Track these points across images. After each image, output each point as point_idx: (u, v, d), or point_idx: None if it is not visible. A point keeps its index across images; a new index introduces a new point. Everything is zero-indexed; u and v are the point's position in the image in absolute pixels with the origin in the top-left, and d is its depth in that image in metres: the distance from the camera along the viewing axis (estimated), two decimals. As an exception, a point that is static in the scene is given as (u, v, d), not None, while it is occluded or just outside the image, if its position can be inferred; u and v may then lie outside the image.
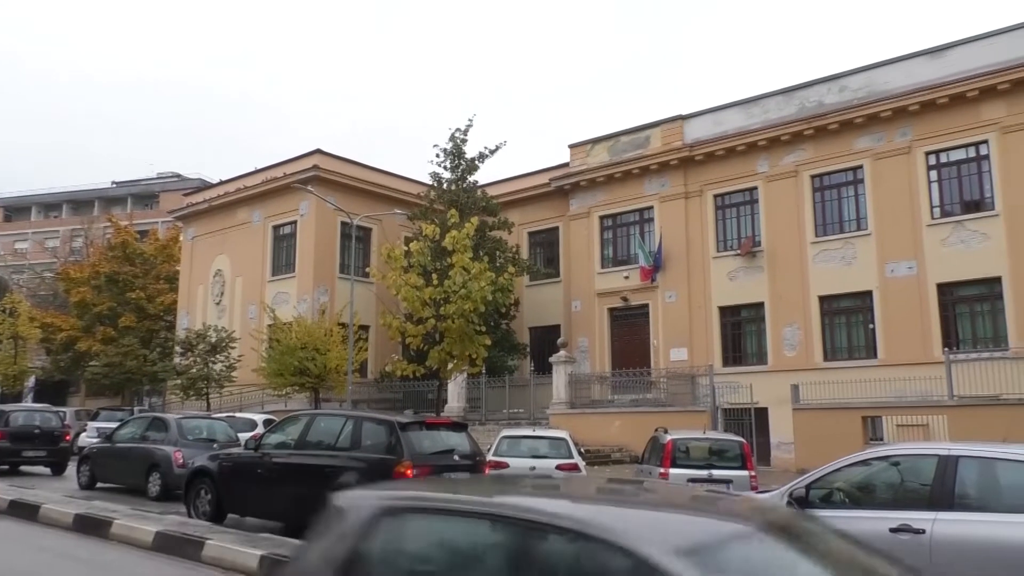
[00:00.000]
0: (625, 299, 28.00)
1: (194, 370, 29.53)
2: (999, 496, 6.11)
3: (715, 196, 26.77)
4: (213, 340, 29.75)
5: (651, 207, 28.09)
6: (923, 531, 5.95)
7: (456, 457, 10.61)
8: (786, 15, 67.16)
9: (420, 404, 26.71)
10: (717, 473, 12.36)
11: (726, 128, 26.44)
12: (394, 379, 26.44)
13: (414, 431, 10.50)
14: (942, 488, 6.10)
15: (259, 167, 34.73)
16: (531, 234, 32.27)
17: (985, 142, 21.84)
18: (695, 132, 27.19)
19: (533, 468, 13.58)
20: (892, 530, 6.08)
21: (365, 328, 29.79)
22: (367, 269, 26.60)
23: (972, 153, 22.15)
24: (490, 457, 13.55)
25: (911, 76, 22.95)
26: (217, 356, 29.53)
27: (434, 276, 20.81)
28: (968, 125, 21.99)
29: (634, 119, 67.90)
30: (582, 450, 15.99)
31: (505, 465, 13.62)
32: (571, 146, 30.42)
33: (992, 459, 6.19)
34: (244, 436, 17.22)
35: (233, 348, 29.86)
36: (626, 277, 28.10)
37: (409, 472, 9.69)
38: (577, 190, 29.84)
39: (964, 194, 22.29)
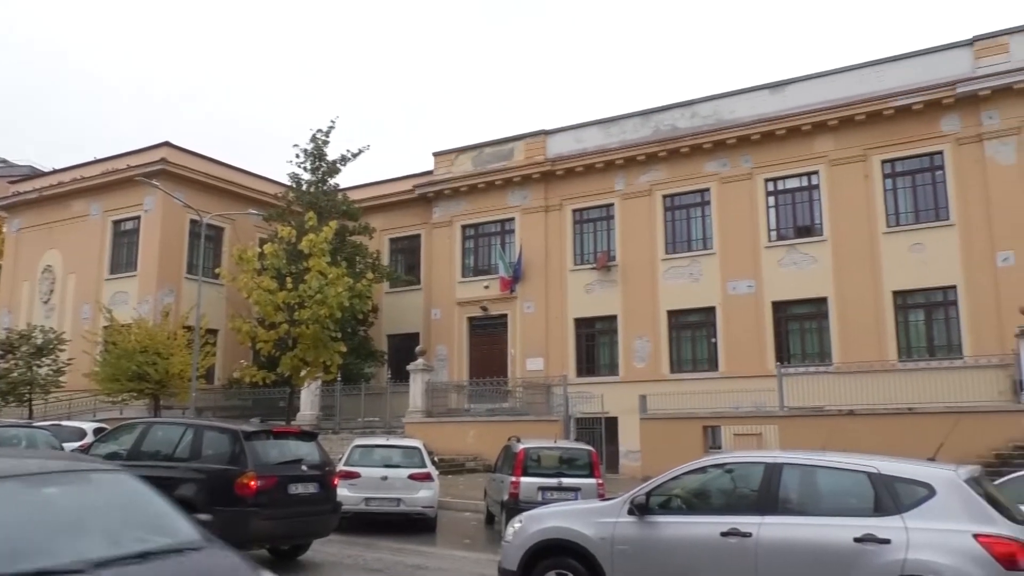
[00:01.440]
0: (485, 308, 28.23)
1: (15, 374, 27.00)
2: (818, 500, 6.57)
3: (574, 211, 27.55)
4: (39, 342, 27.33)
5: (513, 218, 28.51)
6: (750, 534, 6.30)
7: (304, 467, 10.25)
8: (645, 40, 70.44)
9: (271, 412, 25.69)
10: (567, 481, 12.64)
11: (586, 145, 27.30)
12: (243, 386, 25.33)
13: (260, 440, 10.05)
14: (768, 494, 6.50)
15: (99, 157, 32.37)
16: (393, 240, 31.93)
17: (816, 172, 23.74)
18: (557, 147, 27.89)
19: (385, 478, 13.37)
20: (723, 534, 6.41)
21: (213, 332, 28.38)
22: (217, 270, 25.31)
23: (805, 182, 24.01)
24: (341, 467, 13.21)
25: (754, 107, 24.61)
26: (43, 359, 27.15)
27: (289, 280, 20.15)
28: (802, 156, 23.83)
29: (500, 131, 69.01)
30: (436, 459, 15.91)
31: (356, 475, 13.33)
32: (436, 154, 30.40)
33: (812, 466, 6.66)
34: (71, 446, 15.90)
35: (62, 351, 27.56)
36: (486, 287, 28.34)
37: (252, 484, 9.27)
38: (441, 198, 29.83)
39: (797, 220, 24.10)
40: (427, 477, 13.54)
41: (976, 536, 5.54)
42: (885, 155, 22.82)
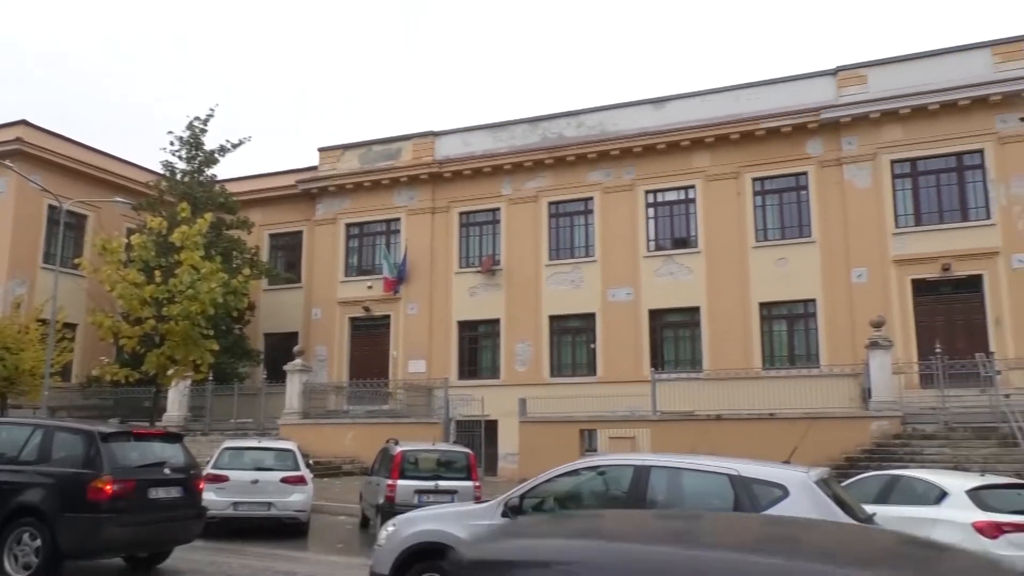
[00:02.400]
0: (367, 309, 27.79)
1: None
2: (683, 501, 6.81)
3: (461, 213, 27.57)
4: None
5: (399, 219, 28.23)
6: (624, 535, 6.47)
7: (167, 471, 9.75)
8: (535, 46, 71.51)
9: (134, 412, 24.30)
10: (444, 484, 12.60)
11: (475, 149, 27.40)
12: (103, 384, 23.84)
13: (118, 442, 9.47)
14: (636, 495, 6.70)
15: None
16: (273, 236, 30.92)
17: (693, 187, 24.77)
18: (445, 149, 27.84)
19: (255, 482, 12.91)
20: (593, 535, 6.55)
21: (71, 327, 26.54)
22: (77, 261, 23.69)
23: (682, 195, 25.01)
24: (208, 470, 12.65)
25: (637, 121, 25.44)
26: None
27: (158, 274, 19.12)
28: (680, 171, 24.82)
29: (388, 130, 68.06)
30: (311, 462, 15.51)
31: (225, 479, 12.80)
32: (321, 150, 29.69)
33: (678, 468, 6.91)
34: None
35: None
36: (369, 287, 27.91)
37: (107, 488, 8.73)
38: (325, 195, 29.16)
39: (674, 231, 25.07)
40: (300, 480, 13.16)
41: (823, 533, 5.89)
42: (756, 173, 24.09)
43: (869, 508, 8.01)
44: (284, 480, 13.03)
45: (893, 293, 21.87)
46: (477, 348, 26.96)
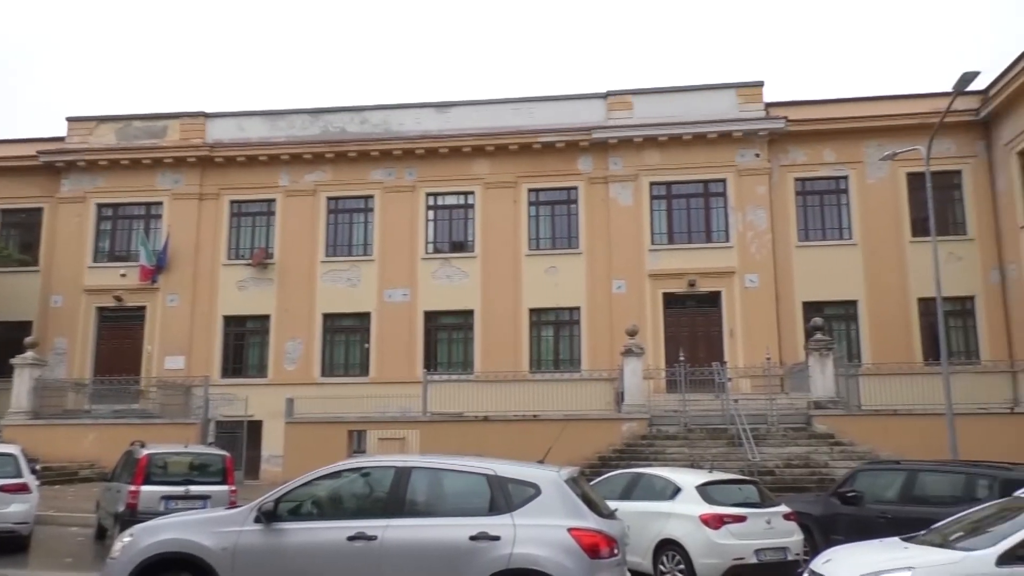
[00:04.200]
0: (119, 299, 25.35)
1: None
2: (443, 502, 6.92)
3: (232, 202, 26.07)
4: None
5: (161, 202, 26.09)
6: (376, 537, 6.42)
7: None
8: (318, 36, 69.44)
9: None
10: (195, 489, 11.78)
11: (250, 135, 26.04)
12: None
13: None
14: (396, 497, 6.69)
15: None
16: (5, 212, 27.23)
17: (473, 193, 25.35)
18: (218, 133, 26.18)
19: (-37, 491, 11.23)
20: (349, 538, 6.45)
21: None
22: None
23: (462, 200, 25.51)
24: (-98, 480, 10.82)
25: (421, 123, 25.59)
26: None
27: None
28: (461, 176, 25.30)
29: (152, 105, 62.84)
30: (39, 467, 13.82)
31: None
32: (70, 119, 26.67)
33: (439, 469, 6.99)
34: None
35: None
36: (123, 275, 25.48)
37: None
38: (73, 170, 26.22)
39: (453, 235, 25.50)
40: (21, 489, 11.65)
41: (569, 530, 6.26)
42: (532, 184, 25.17)
43: (614, 503, 8.64)
44: (2, 489, 11.48)
45: (647, 304, 23.81)
46: (244, 345, 25.60)
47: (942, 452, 14.58)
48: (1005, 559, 5.84)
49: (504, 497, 6.50)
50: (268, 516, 6.70)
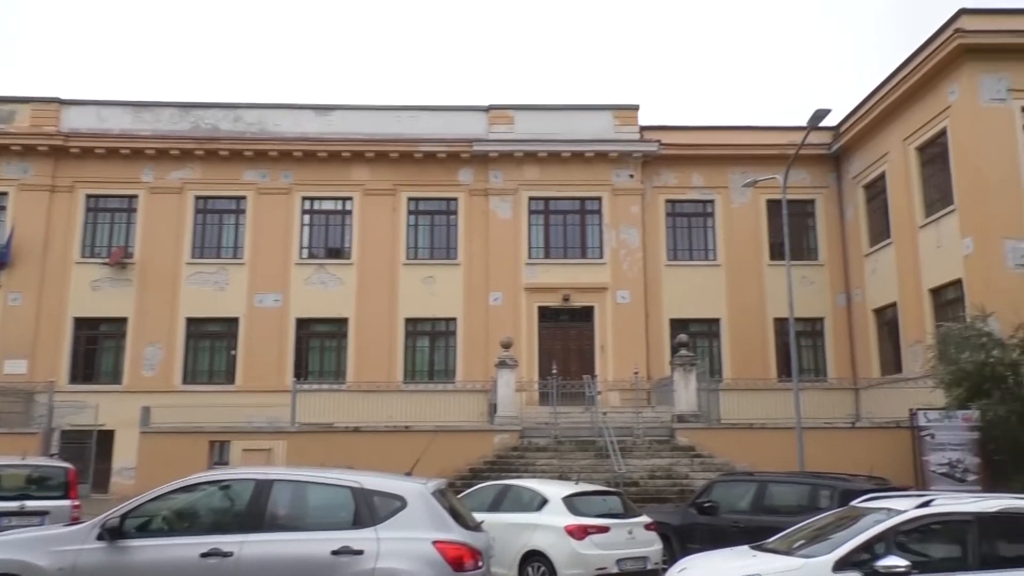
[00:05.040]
0: (-48, 296, 23.14)
1: None
2: (305, 516, 6.69)
3: (89, 196, 24.41)
4: None
5: (6, 192, 24.07)
6: (231, 554, 6.13)
7: None
8: (188, 29, 66.40)
9: None
10: (32, 504, 10.90)
11: (110, 126, 24.50)
12: None
13: None
14: (255, 511, 6.42)
15: None
16: None
17: (351, 199, 24.89)
18: (74, 121, 24.47)
19: None
20: (203, 555, 6.13)
21: None
22: None
23: (339, 206, 24.99)
24: None
25: (298, 124, 24.90)
26: None
27: None
28: (339, 181, 24.79)
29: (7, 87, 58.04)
30: None
31: None
32: (-97, 97, 24.22)
33: (302, 482, 6.77)
34: None
35: None
36: (-42, 270, 23.29)
37: None
38: (-98, 153, 23.79)
39: (329, 241, 24.90)
40: None
41: (434, 543, 6.20)
42: (412, 193, 25.00)
43: (483, 515, 8.65)
44: None
45: (523, 317, 24.11)
46: (97, 349, 23.96)
47: (793, 464, 15.50)
48: (840, 565, 6.22)
49: (369, 510, 6.37)
50: (113, 533, 6.27)
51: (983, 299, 17.31)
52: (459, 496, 9.51)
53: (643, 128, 25.44)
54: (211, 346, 24.17)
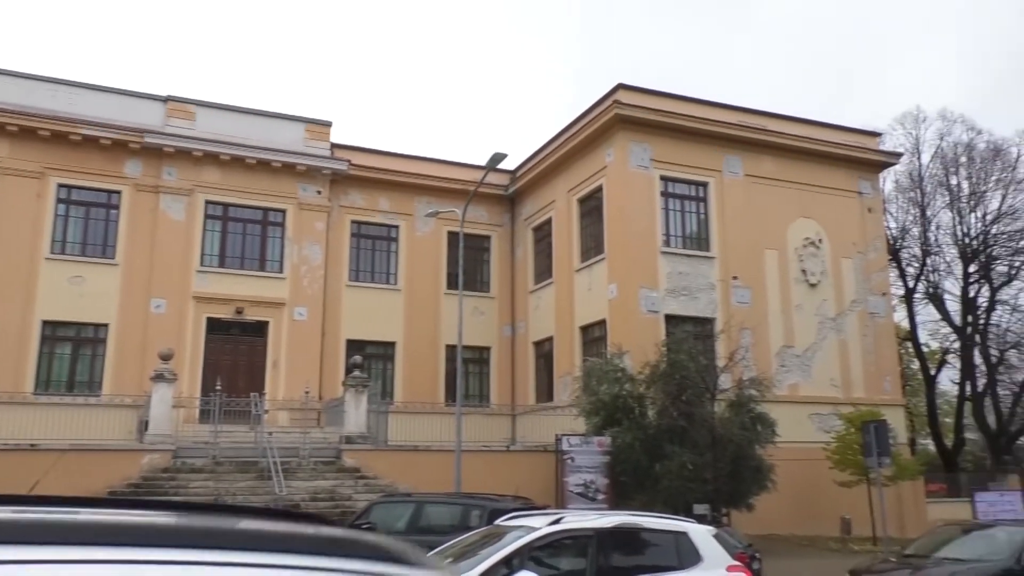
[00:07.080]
0: None
1: None
2: None
3: None
4: None
5: None
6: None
7: None
8: None
9: None
10: None
11: None
12: None
13: None
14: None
15: None
16: None
17: (-16, 177, 21.16)
18: None
19: None
20: None
21: None
22: None
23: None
24: None
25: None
26: None
27: None
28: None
29: None
30: None
31: None
32: None
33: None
34: None
35: None
36: None
37: None
38: None
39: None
40: None
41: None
42: (64, 180, 22.04)
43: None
44: None
45: (188, 328, 22.35)
46: None
47: (452, 485, 16.21)
48: None
49: None
50: None
51: (621, 338, 19.80)
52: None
53: (335, 145, 25.25)
54: None
